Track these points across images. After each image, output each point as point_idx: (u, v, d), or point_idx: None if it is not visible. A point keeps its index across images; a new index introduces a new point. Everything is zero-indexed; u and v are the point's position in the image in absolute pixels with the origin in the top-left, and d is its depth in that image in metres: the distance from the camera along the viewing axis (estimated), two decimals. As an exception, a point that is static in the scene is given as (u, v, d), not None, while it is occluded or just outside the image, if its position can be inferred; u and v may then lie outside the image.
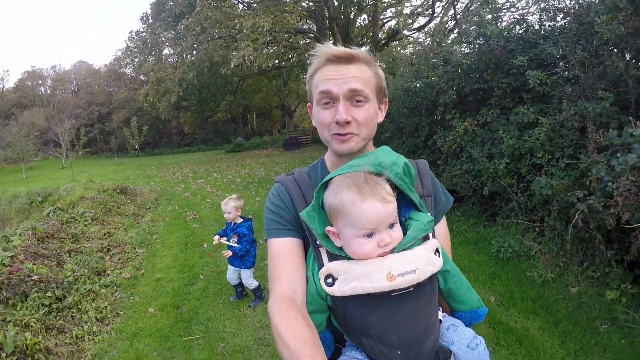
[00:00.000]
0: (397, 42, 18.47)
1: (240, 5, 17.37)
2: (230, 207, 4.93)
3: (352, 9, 16.54)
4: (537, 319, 4.08)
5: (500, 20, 6.46)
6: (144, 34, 21.73)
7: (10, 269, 4.92)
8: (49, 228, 6.80)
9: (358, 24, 21.98)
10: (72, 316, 4.69)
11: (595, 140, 3.79)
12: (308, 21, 20.64)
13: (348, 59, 1.26)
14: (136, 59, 24.51)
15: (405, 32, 16.99)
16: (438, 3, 17.34)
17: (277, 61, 23.96)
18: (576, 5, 5.20)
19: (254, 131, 39.79)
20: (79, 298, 4.99)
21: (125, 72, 48.70)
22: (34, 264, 5.27)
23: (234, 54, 14.52)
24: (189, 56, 18.21)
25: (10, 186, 21.01)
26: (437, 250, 1.22)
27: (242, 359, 3.82)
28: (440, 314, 1.29)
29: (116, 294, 5.46)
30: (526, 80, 5.05)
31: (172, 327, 4.52)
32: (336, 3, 16.98)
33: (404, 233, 1.18)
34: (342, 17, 18.10)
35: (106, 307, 5.06)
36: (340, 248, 1.16)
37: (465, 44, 6.73)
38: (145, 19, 22.72)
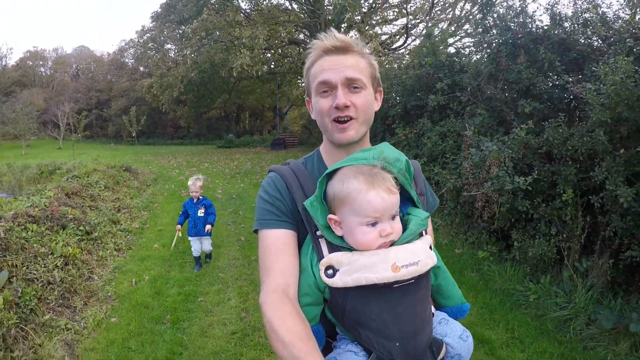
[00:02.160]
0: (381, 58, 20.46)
1: (242, 15, 19.17)
2: (198, 187, 5.90)
3: (342, 25, 18.44)
4: (424, 267, 5.88)
5: (438, 50, 8.35)
6: (154, 31, 23.50)
7: (51, 208, 6.67)
8: (73, 188, 8.54)
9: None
10: (97, 245, 6.47)
11: (467, 143, 5.67)
12: (303, 31, 22.45)
13: (343, 50, 1.29)
14: (139, 51, 26.24)
15: (385, 49, 19.02)
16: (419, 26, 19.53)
17: (272, 65, 25.81)
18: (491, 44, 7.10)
19: (245, 130, 41.12)
20: (102, 234, 6.77)
21: (127, 62, 50.11)
22: (67, 208, 7.03)
23: (233, 62, 16.28)
24: (193, 55, 20.00)
25: (12, 160, 22.48)
26: (430, 246, 1.25)
27: (217, 272, 5.64)
28: (432, 309, 1.33)
29: (128, 237, 7.25)
30: (449, 100, 6.94)
31: (170, 256, 6.34)
32: (329, 18, 18.88)
33: (404, 228, 1.21)
34: (333, 31, 20.00)
35: (121, 243, 6.86)
36: (342, 238, 1.18)
37: (409, 70, 8.65)
38: (155, 17, 24.51)
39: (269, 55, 23.01)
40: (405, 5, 18.93)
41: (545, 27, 5.88)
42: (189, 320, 4.33)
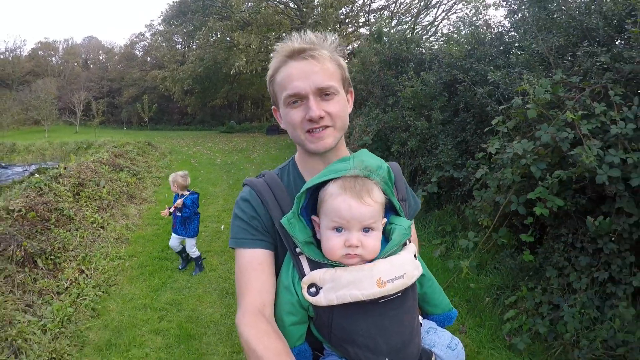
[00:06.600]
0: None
1: (241, 20, 23.04)
2: (171, 180, 5.51)
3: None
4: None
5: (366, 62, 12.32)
6: (167, 34, 27.59)
7: (111, 160, 10.83)
8: (117, 152, 12.71)
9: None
10: (142, 180, 10.64)
11: (355, 122, 9.73)
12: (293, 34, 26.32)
13: (309, 53, 1.21)
14: (149, 46, 29.83)
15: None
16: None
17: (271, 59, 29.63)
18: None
19: (246, 117, 44.61)
20: (143, 176, 10.95)
21: (137, 54, 53.62)
22: (120, 160, 11.20)
23: (233, 62, 20.18)
24: (200, 52, 23.95)
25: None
26: (415, 255, 1.24)
27: (215, 194, 9.76)
28: (420, 318, 1.32)
29: (158, 180, 11.42)
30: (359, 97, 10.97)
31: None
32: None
33: (388, 238, 1.19)
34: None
35: (156, 181, 11.05)
36: (322, 254, 1.16)
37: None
38: (167, 21, 28.57)
39: (261, 56, 26.78)
40: (369, 15, 22.98)
41: (408, 49, 9.93)
42: (197, 207, 8.50)
